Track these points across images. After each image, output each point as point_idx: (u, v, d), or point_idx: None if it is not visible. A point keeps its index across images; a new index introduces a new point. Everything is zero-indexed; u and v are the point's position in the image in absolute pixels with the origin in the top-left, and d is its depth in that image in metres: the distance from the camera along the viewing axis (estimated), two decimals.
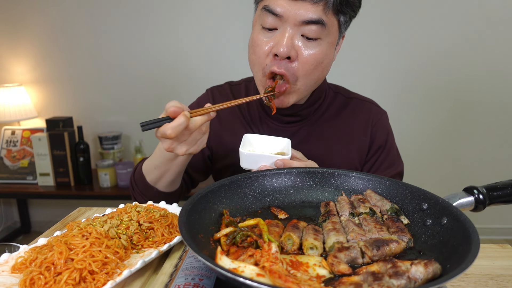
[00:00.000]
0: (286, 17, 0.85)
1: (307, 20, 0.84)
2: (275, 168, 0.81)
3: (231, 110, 1.12)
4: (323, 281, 0.52)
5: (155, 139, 3.13)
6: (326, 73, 0.97)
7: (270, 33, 0.89)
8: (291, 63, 0.88)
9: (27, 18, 2.71)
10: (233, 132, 1.09)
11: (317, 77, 0.94)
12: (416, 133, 2.71)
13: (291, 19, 0.85)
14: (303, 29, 0.86)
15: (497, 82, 2.59)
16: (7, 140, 2.71)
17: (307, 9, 0.83)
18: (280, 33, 0.87)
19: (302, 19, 0.84)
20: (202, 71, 2.71)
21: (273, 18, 0.86)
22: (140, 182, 1.04)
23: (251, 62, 0.96)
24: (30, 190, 2.57)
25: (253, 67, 0.96)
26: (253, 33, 0.93)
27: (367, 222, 0.65)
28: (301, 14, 0.84)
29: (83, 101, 2.84)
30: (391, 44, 2.60)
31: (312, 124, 1.08)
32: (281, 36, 0.86)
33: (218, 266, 0.45)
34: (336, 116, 1.09)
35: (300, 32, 0.86)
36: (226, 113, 1.12)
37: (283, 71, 0.89)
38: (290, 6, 0.84)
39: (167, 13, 2.64)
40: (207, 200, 0.66)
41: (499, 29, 2.50)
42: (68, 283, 0.58)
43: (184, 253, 0.71)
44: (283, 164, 0.82)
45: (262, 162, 0.84)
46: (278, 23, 0.87)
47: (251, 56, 0.94)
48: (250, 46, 0.94)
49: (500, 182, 0.71)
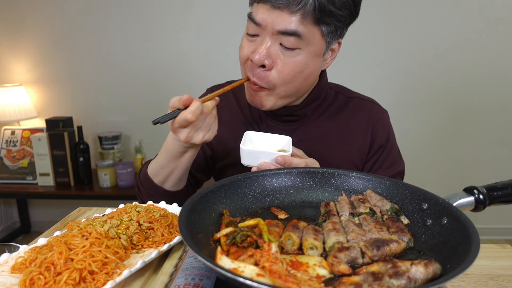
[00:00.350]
0: (264, 26, 0.86)
1: (283, 31, 0.85)
2: (275, 168, 0.81)
3: (231, 109, 1.13)
4: (323, 281, 0.52)
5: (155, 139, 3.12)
6: (311, 81, 0.98)
7: (253, 38, 0.91)
8: (267, 71, 0.90)
9: (27, 18, 2.71)
10: (234, 131, 1.10)
11: (299, 85, 0.94)
12: (416, 133, 2.71)
13: (269, 27, 0.86)
14: (280, 38, 0.87)
15: (498, 82, 2.59)
16: (7, 140, 2.71)
17: (284, 19, 0.84)
18: (260, 41, 0.89)
19: (278, 29, 0.85)
20: (202, 71, 2.72)
21: (254, 26, 0.88)
22: (146, 183, 1.05)
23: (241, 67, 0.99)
24: (30, 190, 2.57)
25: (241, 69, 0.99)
26: (243, 38, 0.96)
27: (367, 222, 0.65)
28: (278, 23, 0.84)
29: (83, 101, 2.84)
30: (391, 44, 2.60)
31: (311, 123, 1.08)
32: (260, 44, 0.88)
33: (218, 266, 0.45)
34: (336, 115, 1.09)
35: (278, 41, 0.87)
36: (226, 112, 1.12)
37: (255, 80, 0.91)
38: (268, 15, 0.85)
39: (167, 14, 2.64)
40: (207, 200, 0.66)
41: (499, 29, 2.51)
42: (68, 283, 0.58)
43: (184, 253, 0.71)
44: (283, 160, 0.83)
45: (262, 158, 0.85)
46: (259, 30, 0.88)
47: (239, 60, 0.97)
48: (239, 51, 0.97)
49: (500, 182, 0.71)
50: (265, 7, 0.85)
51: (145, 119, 2.83)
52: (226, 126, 1.11)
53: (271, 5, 0.83)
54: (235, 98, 1.16)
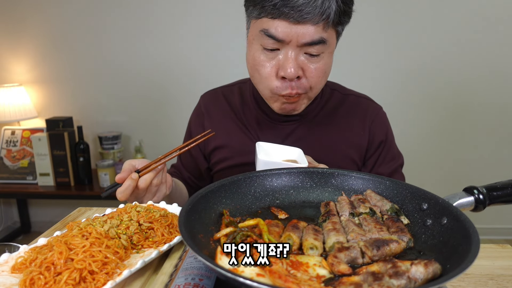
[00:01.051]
0: (288, 41, 0.85)
1: (309, 42, 0.85)
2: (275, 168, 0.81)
3: (224, 113, 1.13)
4: (323, 281, 0.52)
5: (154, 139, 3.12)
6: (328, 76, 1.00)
7: (272, 53, 0.88)
8: (300, 80, 0.90)
9: (27, 18, 2.71)
10: (228, 136, 1.11)
11: (325, 82, 0.97)
12: (416, 133, 2.71)
13: (293, 41, 0.85)
14: (305, 48, 0.86)
15: (498, 82, 2.59)
16: (7, 140, 2.71)
17: (308, 32, 0.83)
18: (283, 55, 0.87)
19: (304, 42, 0.84)
20: (202, 71, 2.72)
21: (274, 42, 0.86)
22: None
23: (254, 79, 0.96)
24: (30, 190, 2.57)
25: (257, 84, 0.96)
26: (252, 51, 0.92)
27: (367, 222, 0.65)
28: (303, 37, 0.84)
29: (83, 101, 2.84)
30: (390, 44, 2.60)
31: (310, 122, 1.08)
32: (285, 59, 0.87)
33: (218, 266, 0.45)
34: (333, 113, 1.10)
35: (303, 50, 0.87)
36: (219, 117, 1.13)
37: (296, 91, 0.91)
38: (291, 29, 0.83)
39: (167, 14, 2.64)
40: (207, 200, 0.66)
41: (499, 29, 2.50)
42: (68, 283, 0.58)
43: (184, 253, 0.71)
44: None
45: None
46: (280, 44, 0.86)
47: (254, 73, 0.94)
48: (252, 65, 0.93)
49: (500, 182, 0.71)
50: (285, 23, 0.82)
51: (145, 119, 2.83)
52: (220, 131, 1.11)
53: (294, 20, 0.81)
54: (227, 102, 1.15)
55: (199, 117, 1.16)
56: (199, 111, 1.17)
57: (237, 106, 1.13)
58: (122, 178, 0.85)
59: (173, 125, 2.80)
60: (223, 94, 1.16)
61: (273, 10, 0.81)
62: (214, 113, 1.14)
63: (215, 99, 1.16)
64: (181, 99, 2.76)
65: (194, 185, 1.20)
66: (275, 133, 1.07)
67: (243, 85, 1.17)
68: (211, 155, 1.13)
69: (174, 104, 2.78)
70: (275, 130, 1.08)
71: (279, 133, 1.07)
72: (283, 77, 0.89)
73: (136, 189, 0.86)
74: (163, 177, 0.91)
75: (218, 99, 1.16)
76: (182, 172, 1.21)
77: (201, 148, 1.15)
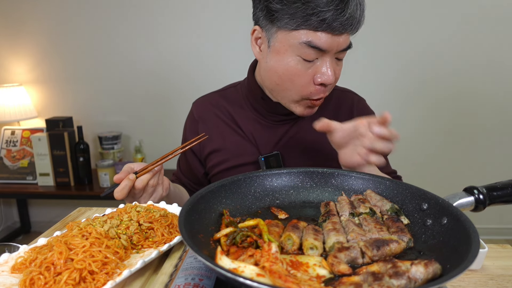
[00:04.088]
0: (329, 50, 0.89)
1: (345, 48, 0.90)
2: (275, 168, 0.82)
3: (217, 118, 1.14)
4: (323, 281, 0.52)
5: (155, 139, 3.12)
6: None
7: (310, 63, 0.91)
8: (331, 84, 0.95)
9: (27, 18, 2.71)
10: (223, 139, 1.11)
11: None
12: (416, 133, 2.70)
13: (333, 50, 0.89)
14: (337, 54, 0.92)
15: (498, 82, 2.59)
16: (7, 140, 2.71)
17: (346, 40, 0.89)
18: (321, 63, 0.91)
19: (341, 49, 0.90)
20: (202, 71, 2.72)
21: (316, 52, 0.89)
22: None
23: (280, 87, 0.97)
24: (30, 190, 2.57)
25: (285, 91, 0.97)
26: (285, 61, 0.91)
27: (367, 222, 0.65)
28: (341, 45, 0.89)
29: (83, 101, 2.84)
30: (391, 44, 2.60)
31: (302, 120, 1.10)
32: (325, 66, 0.90)
33: (218, 266, 0.45)
34: (323, 108, 1.11)
35: (336, 56, 0.92)
36: (212, 122, 1.14)
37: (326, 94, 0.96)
38: (333, 40, 0.87)
39: (167, 14, 2.64)
40: (207, 200, 0.66)
41: (500, 29, 2.50)
42: (68, 283, 0.58)
43: (184, 253, 0.71)
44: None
45: None
46: (319, 54, 0.90)
47: (284, 83, 0.95)
48: (284, 74, 0.93)
49: (500, 182, 0.71)
50: (329, 35, 0.86)
51: (145, 119, 2.83)
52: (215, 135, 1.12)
53: (338, 33, 0.86)
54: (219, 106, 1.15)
55: (193, 123, 1.17)
56: (192, 118, 1.18)
57: (230, 109, 1.13)
58: (120, 179, 0.89)
59: (173, 125, 2.80)
60: (215, 99, 1.17)
61: (319, 24, 0.84)
62: (207, 118, 1.15)
63: (208, 104, 1.17)
64: (181, 99, 2.76)
65: (195, 191, 1.21)
66: (270, 133, 1.08)
67: (234, 89, 1.18)
68: (207, 160, 1.14)
69: (174, 104, 2.78)
70: (270, 130, 1.09)
71: (274, 133, 1.08)
72: (321, 84, 0.93)
73: (133, 189, 0.89)
74: (159, 179, 0.94)
75: (210, 104, 1.16)
76: (182, 178, 1.23)
77: (197, 154, 1.16)
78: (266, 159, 1.05)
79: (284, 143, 1.07)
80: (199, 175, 1.18)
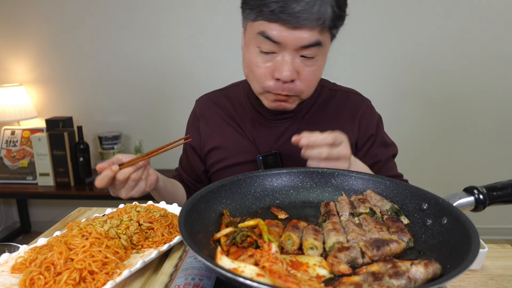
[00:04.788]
0: (285, 44, 0.86)
1: (307, 44, 0.86)
2: (273, 167, 0.82)
3: (219, 116, 1.15)
4: (323, 281, 0.52)
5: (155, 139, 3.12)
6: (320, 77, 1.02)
7: (268, 56, 0.90)
8: (294, 83, 0.92)
9: (27, 18, 2.71)
10: (224, 137, 1.12)
11: (316, 84, 0.99)
12: (416, 133, 2.70)
13: (290, 45, 0.86)
14: (302, 51, 0.88)
15: (498, 82, 2.59)
16: (7, 140, 2.71)
17: (305, 36, 0.85)
18: (280, 58, 0.89)
19: (301, 45, 0.86)
20: (202, 71, 2.71)
21: (271, 44, 0.87)
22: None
23: (248, 78, 0.99)
24: (30, 190, 2.57)
25: (251, 82, 0.99)
26: (248, 52, 0.94)
27: (367, 222, 0.65)
28: (300, 40, 0.85)
29: (83, 101, 2.84)
30: (390, 44, 2.60)
31: (302, 118, 1.10)
32: (282, 62, 0.88)
33: (218, 266, 0.45)
34: (323, 109, 1.11)
35: (299, 54, 0.89)
36: (214, 120, 1.15)
37: (287, 93, 0.93)
38: (289, 34, 0.84)
39: (167, 14, 2.64)
40: (207, 200, 0.67)
41: (498, 28, 2.50)
42: (68, 283, 0.58)
43: (184, 253, 0.71)
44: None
45: None
46: (277, 48, 0.88)
47: (248, 73, 0.97)
48: (247, 65, 0.96)
49: (500, 182, 0.71)
50: (283, 27, 0.83)
51: (145, 119, 2.83)
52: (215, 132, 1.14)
53: (291, 26, 0.83)
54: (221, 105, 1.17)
55: (195, 121, 1.19)
56: (194, 115, 1.20)
57: (231, 108, 1.14)
58: (102, 168, 0.88)
59: (173, 125, 2.80)
60: (217, 97, 1.18)
61: (270, 15, 0.83)
62: (209, 116, 1.16)
63: (210, 103, 1.18)
64: (181, 99, 2.76)
65: (194, 188, 1.22)
66: (268, 132, 1.09)
67: (236, 88, 1.19)
68: (207, 157, 1.15)
69: (174, 104, 2.78)
70: (269, 129, 1.09)
71: (273, 132, 1.09)
72: (278, 79, 0.90)
73: (114, 181, 0.88)
74: (143, 174, 0.93)
75: (212, 103, 1.18)
76: (182, 175, 1.24)
77: (197, 151, 1.17)
78: (264, 158, 1.05)
79: (283, 142, 1.08)
80: (199, 172, 1.19)
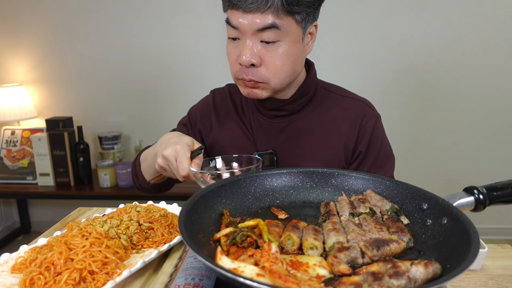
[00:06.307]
0: (242, 29, 0.91)
1: (261, 27, 0.90)
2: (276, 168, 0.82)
3: (228, 112, 1.16)
4: (323, 281, 0.52)
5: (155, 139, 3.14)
6: (300, 65, 1.02)
7: (235, 42, 0.96)
8: (257, 68, 0.95)
9: (27, 18, 2.71)
10: (228, 129, 1.14)
11: (289, 71, 0.99)
12: (415, 133, 2.70)
13: (247, 29, 0.91)
14: (260, 35, 0.91)
15: (498, 82, 2.59)
16: (7, 140, 2.71)
17: (258, 19, 0.89)
18: (242, 43, 0.94)
19: (256, 28, 0.90)
20: (202, 71, 2.71)
21: (234, 30, 0.93)
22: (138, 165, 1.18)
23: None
24: (30, 190, 2.57)
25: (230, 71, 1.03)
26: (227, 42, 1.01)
27: (367, 222, 0.65)
28: (254, 23, 0.89)
29: (83, 101, 2.84)
30: (389, 44, 2.60)
31: (301, 119, 1.09)
32: (243, 46, 0.93)
33: (218, 266, 0.45)
34: (326, 112, 1.10)
35: (259, 38, 0.92)
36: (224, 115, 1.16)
37: (250, 77, 0.96)
38: (243, 18, 0.90)
39: (167, 13, 2.64)
40: (207, 200, 0.67)
41: (497, 28, 2.50)
42: (68, 283, 0.58)
43: (184, 253, 0.71)
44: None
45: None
46: (238, 33, 0.93)
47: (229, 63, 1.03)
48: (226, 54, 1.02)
49: (500, 182, 0.71)
50: (238, 12, 0.90)
51: (145, 119, 2.83)
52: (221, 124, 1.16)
53: (243, 11, 0.89)
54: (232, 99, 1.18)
55: (207, 109, 1.19)
56: (208, 104, 1.20)
57: (239, 105, 1.16)
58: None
59: (173, 125, 2.79)
60: (230, 92, 1.20)
61: (228, 3, 0.91)
62: (221, 110, 1.18)
63: (224, 97, 1.20)
64: (181, 99, 2.75)
65: None
66: (267, 131, 1.10)
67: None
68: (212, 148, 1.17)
69: (175, 104, 2.78)
70: (267, 128, 1.10)
71: (271, 131, 1.09)
72: (240, 64, 0.95)
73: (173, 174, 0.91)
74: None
75: (226, 97, 1.19)
76: None
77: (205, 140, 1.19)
78: (260, 157, 1.05)
79: (280, 141, 1.08)
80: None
